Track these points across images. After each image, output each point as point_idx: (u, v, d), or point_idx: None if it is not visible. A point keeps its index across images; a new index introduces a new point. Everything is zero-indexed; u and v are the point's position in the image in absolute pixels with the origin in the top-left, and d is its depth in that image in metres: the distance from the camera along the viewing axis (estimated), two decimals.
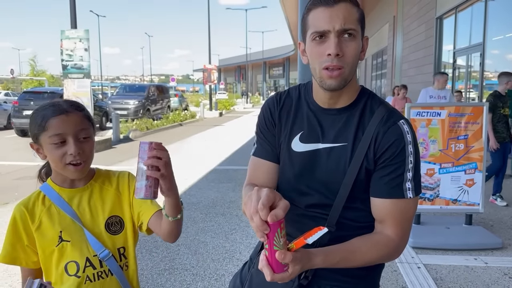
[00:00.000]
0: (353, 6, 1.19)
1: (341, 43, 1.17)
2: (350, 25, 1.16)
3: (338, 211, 1.25)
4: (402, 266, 3.61)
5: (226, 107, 30.27)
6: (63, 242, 1.35)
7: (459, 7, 11.04)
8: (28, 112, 13.50)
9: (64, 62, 10.65)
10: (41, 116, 1.32)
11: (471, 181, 4.17)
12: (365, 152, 1.22)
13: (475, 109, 4.15)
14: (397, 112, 1.26)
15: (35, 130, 1.34)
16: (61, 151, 1.31)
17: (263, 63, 75.00)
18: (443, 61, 12.68)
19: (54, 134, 1.30)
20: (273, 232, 0.96)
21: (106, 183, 1.46)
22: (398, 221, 1.22)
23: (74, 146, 1.30)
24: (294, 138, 1.32)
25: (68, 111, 1.32)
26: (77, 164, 1.33)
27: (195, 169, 8.02)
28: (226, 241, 4.31)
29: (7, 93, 33.81)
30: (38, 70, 47.22)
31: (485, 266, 3.62)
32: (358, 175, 1.22)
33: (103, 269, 1.38)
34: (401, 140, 1.20)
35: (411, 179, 1.21)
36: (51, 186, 1.41)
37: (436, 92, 7.08)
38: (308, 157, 1.29)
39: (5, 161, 9.07)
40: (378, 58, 22.60)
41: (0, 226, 4.78)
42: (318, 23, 1.18)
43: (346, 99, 1.28)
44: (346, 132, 1.26)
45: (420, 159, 1.25)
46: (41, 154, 1.37)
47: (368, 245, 1.20)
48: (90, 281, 1.36)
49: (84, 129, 1.34)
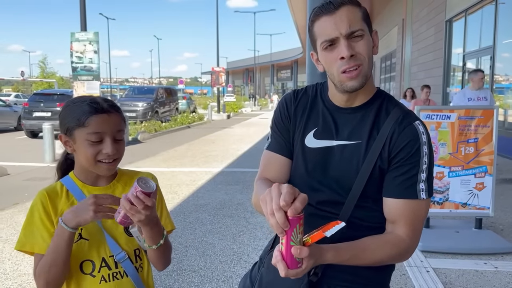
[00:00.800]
0: (355, 7, 1.20)
1: (352, 45, 1.18)
2: (356, 26, 1.18)
3: (349, 209, 1.25)
4: (411, 270, 3.59)
5: (234, 110, 30.32)
6: (81, 240, 1.34)
7: (469, 10, 10.98)
8: (38, 114, 13.65)
9: (74, 64, 10.74)
10: (81, 112, 1.31)
11: (481, 185, 4.14)
12: (379, 151, 1.22)
13: (486, 112, 4.12)
14: (412, 114, 1.27)
15: (71, 124, 1.32)
16: (96, 148, 1.31)
17: (271, 66, 75.06)
18: (452, 64, 12.61)
19: (93, 132, 1.30)
20: (292, 228, 0.96)
21: (128, 184, 1.45)
22: (410, 222, 1.22)
23: (111, 146, 1.32)
24: (308, 134, 1.33)
25: (110, 111, 1.33)
26: (109, 162, 1.34)
27: (203, 171, 8.04)
28: (233, 243, 4.31)
29: (17, 95, 34.19)
30: (48, 72, 47.70)
31: (495, 270, 3.59)
32: (372, 174, 1.23)
33: (118, 270, 1.38)
34: (416, 141, 1.21)
35: (425, 180, 1.21)
36: (74, 181, 1.40)
37: (475, 93, 6.62)
38: (322, 154, 1.30)
39: (15, 162, 9.15)
40: (387, 61, 22.53)
41: (11, 227, 4.83)
42: (325, 32, 1.20)
43: (362, 99, 1.29)
44: (360, 130, 1.27)
45: (433, 160, 1.25)
46: (69, 147, 1.37)
47: (379, 244, 1.20)
48: (105, 281, 1.36)
49: (120, 131, 1.36)
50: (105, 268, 1.36)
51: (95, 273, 1.35)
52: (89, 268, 1.35)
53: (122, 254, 1.37)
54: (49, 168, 8.42)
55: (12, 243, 4.28)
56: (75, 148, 1.35)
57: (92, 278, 1.35)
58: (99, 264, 1.35)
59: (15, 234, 4.56)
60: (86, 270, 1.35)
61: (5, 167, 8.11)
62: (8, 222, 5.00)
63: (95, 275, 1.35)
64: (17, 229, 4.70)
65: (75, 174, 1.41)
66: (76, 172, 1.41)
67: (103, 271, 1.36)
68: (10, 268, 3.68)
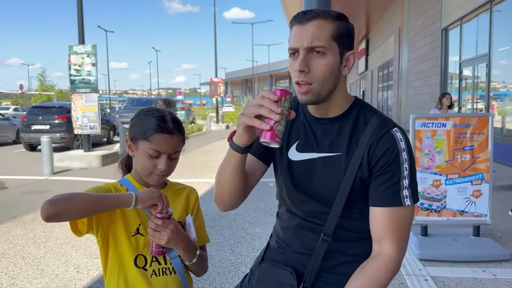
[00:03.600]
0: (328, 23, 1.20)
1: (309, 60, 1.20)
2: (318, 42, 1.18)
3: (335, 220, 1.25)
4: (409, 279, 3.57)
5: (233, 120, 30.40)
6: (138, 235, 1.42)
7: (464, 18, 11.06)
8: (37, 127, 13.66)
9: (72, 77, 10.76)
10: (149, 126, 1.40)
11: (478, 192, 4.14)
12: (359, 161, 1.23)
13: (481, 120, 4.14)
14: (390, 121, 1.28)
15: (137, 133, 1.42)
16: (152, 163, 1.41)
17: (270, 76, 75.35)
18: (449, 72, 12.67)
19: (154, 148, 1.40)
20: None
21: (176, 196, 1.54)
22: (396, 234, 1.22)
23: (165, 164, 1.41)
24: (291, 148, 1.35)
25: (173, 132, 1.42)
26: (159, 175, 1.44)
27: (201, 182, 8.03)
28: (231, 254, 4.29)
29: (16, 108, 34.21)
30: (46, 85, 47.79)
31: (493, 278, 3.57)
32: (353, 185, 1.23)
33: (167, 266, 1.46)
34: (394, 148, 1.22)
35: (407, 186, 1.21)
36: (132, 182, 1.48)
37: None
38: (305, 166, 1.31)
39: (13, 175, 9.13)
40: (384, 70, 22.63)
41: (8, 241, 4.81)
42: (292, 40, 1.23)
43: (336, 110, 1.30)
44: (339, 142, 1.28)
45: (415, 166, 1.25)
46: (131, 151, 1.47)
47: (370, 280, 1.20)
48: (156, 276, 1.43)
49: (178, 152, 1.46)
50: (155, 262, 1.44)
51: (147, 267, 1.43)
52: (142, 262, 1.43)
53: (174, 252, 1.44)
54: (47, 181, 8.41)
55: (9, 257, 4.26)
56: (136, 154, 1.45)
57: (144, 272, 1.42)
58: (150, 259, 1.43)
59: (12, 248, 4.54)
60: (139, 263, 1.43)
61: (3, 180, 8.09)
62: (5, 236, 4.97)
63: (147, 269, 1.43)
64: (14, 243, 4.69)
65: (132, 176, 1.50)
66: (134, 175, 1.50)
67: (154, 266, 1.44)
68: (7, 283, 3.66)
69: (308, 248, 1.31)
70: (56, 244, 4.61)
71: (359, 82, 34.52)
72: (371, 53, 27.32)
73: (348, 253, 1.30)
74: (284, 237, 1.39)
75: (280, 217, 1.44)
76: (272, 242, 1.46)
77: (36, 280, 3.70)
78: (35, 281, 3.68)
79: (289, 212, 1.38)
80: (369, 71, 28.43)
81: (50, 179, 8.84)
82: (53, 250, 4.43)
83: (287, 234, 1.38)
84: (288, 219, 1.38)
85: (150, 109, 1.48)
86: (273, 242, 1.45)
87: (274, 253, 1.41)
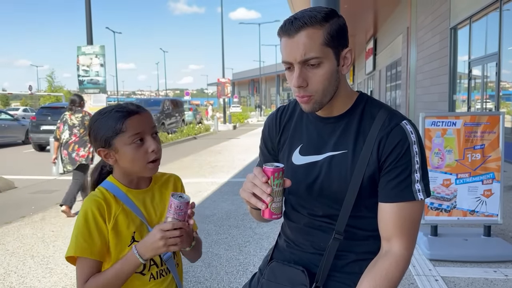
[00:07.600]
0: (317, 30, 1.14)
1: (306, 73, 1.16)
2: (312, 53, 1.14)
3: (345, 219, 1.23)
4: (419, 279, 3.54)
5: (240, 120, 30.38)
6: (134, 242, 1.37)
7: (473, 17, 10.96)
8: (46, 127, 13.74)
9: (80, 78, 10.83)
10: (115, 119, 1.33)
11: (488, 192, 4.09)
12: (368, 158, 1.20)
13: (491, 118, 4.09)
14: (398, 114, 1.25)
15: (109, 134, 1.34)
16: (143, 149, 1.34)
17: (277, 76, 75.22)
18: (458, 71, 12.57)
19: (134, 133, 1.32)
20: None
21: (164, 187, 1.50)
22: (406, 232, 1.19)
23: (154, 142, 1.35)
24: (295, 152, 1.33)
25: (140, 111, 1.37)
26: (155, 161, 1.37)
27: (209, 182, 8.03)
28: (239, 253, 4.28)
29: (25, 109, 34.49)
30: (55, 86, 48.19)
31: (505, 278, 3.53)
32: (362, 183, 1.21)
33: (163, 268, 1.44)
34: (405, 141, 1.18)
35: (419, 180, 1.18)
36: (117, 186, 1.40)
37: None
38: (309, 169, 1.29)
39: (22, 175, 9.21)
40: (392, 69, 22.51)
41: (18, 240, 4.84)
42: (284, 54, 1.18)
43: (340, 107, 1.27)
44: (345, 139, 1.25)
45: (426, 159, 1.22)
46: (111, 158, 1.37)
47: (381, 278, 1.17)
48: (154, 279, 1.42)
49: (154, 126, 1.39)
50: (153, 266, 1.42)
51: (145, 271, 1.41)
52: (140, 267, 1.39)
53: (169, 253, 1.44)
54: (56, 181, 8.44)
55: (18, 256, 4.29)
56: (117, 157, 1.36)
57: (143, 276, 1.40)
58: (148, 264, 1.41)
59: (21, 247, 4.57)
60: (137, 269, 1.38)
61: (13, 180, 8.15)
62: (15, 235, 5.00)
63: (145, 274, 1.41)
64: (23, 242, 4.71)
65: (117, 179, 1.41)
66: (118, 177, 1.41)
67: (152, 270, 1.42)
68: (16, 281, 3.68)
69: (317, 247, 1.30)
70: (65, 243, 4.62)
71: (367, 82, 34.37)
72: (379, 52, 27.18)
73: (358, 251, 1.28)
74: (292, 236, 1.38)
75: (288, 217, 1.43)
76: (280, 241, 1.45)
77: (45, 279, 3.71)
78: (44, 280, 3.69)
79: (297, 212, 1.36)
80: (377, 70, 28.29)
81: (59, 179, 8.88)
82: (62, 249, 4.45)
83: (296, 234, 1.37)
84: (297, 219, 1.37)
85: (101, 111, 1.40)
86: (282, 242, 1.44)
87: (283, 252, 1.40)
